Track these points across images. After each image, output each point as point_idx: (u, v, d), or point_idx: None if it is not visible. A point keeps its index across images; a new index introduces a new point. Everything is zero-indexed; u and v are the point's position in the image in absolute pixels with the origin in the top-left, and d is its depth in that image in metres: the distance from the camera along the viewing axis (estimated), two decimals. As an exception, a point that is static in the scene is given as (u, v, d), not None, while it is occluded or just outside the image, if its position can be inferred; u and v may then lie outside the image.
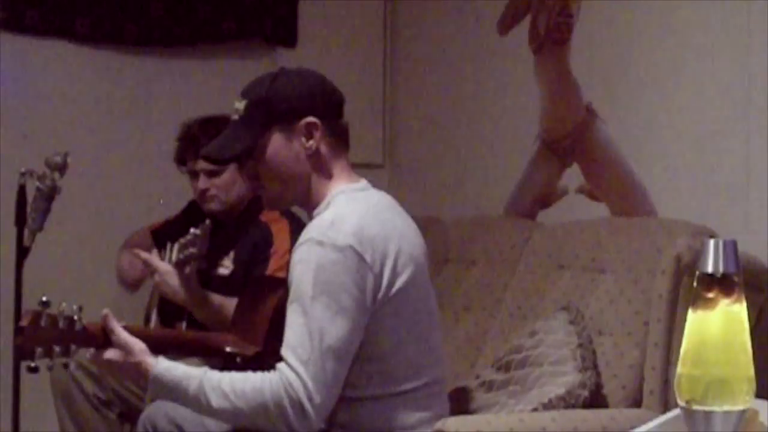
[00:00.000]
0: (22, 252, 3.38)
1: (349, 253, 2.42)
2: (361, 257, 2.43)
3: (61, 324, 2.48)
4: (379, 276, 2.46)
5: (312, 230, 2.48)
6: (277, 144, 2.56)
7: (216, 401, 2.41)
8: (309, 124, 2.56)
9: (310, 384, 2.37)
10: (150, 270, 3.37)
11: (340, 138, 2.62)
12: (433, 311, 2.65)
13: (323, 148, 2.58)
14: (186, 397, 2.45)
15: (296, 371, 2.37)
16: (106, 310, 2.53)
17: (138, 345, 2.51)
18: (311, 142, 2.56)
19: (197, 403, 2.44)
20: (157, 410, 2.81)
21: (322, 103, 2.59)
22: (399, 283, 2.49)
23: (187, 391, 2.44)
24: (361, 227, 2.47)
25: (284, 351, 2.40)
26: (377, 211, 2.56)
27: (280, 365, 2.40)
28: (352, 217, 2.49)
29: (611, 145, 3.66)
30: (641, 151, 3.55)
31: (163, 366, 2.48)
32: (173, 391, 2.46)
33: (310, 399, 2.36)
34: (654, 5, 3.49)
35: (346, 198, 2.56)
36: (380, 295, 2.47)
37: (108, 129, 4.43)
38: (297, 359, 2.38)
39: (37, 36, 4.29)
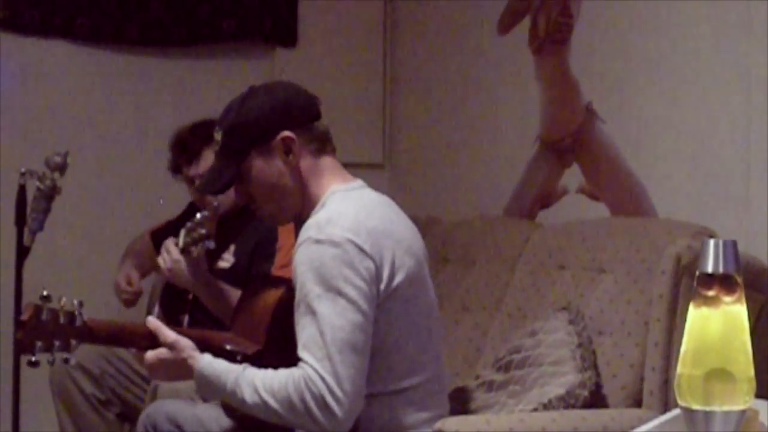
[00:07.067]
0: (23, 252, 3.38)
1: (348, 246, 2.42)
2: (360, 248, 2.43)
3: (61, 319, 2.49)
4: (380, 267, 2.46)
5: (309, 229, 2.47)
6: (258, 166, 2.57)
7: (249, 396, 2.42)
8: (284, 138, 2.56)
9: (329, 379, 2.36)
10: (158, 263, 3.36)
11: (321, 141, 2.61)
12: (433, 308, 2.65)
13: (306, 157, 2.58)
14: (225, 392, 2.46)
15: (314, 368, 2.37)
16: (150, 317, 2.60)
17: (185, 341, 2.54)
18: (291, 156, 2.56)
19: (234, 397, 2.45)
20: (157, 410, 2.81)
21: (293, 114, 2.58)
22: (399, 277, 2.49)
23: (225, 385, 2.45)
24: (359, 222, 2.47)
25: (300, 352, 2.41)
26: (374, 207, 2.56)
27: (300, 363, 2.40)
28: (348, 212, 2.49)
29: (611, 145, 3.66)
30: (641, 151, 3.55)
31: (206, 360, 2.50)
32: (214, 385, 2.48)
33: (332, 393, 2.36)
34: (654, 5, 3.49)
35: (341, 196, 2.56)
36: (382, 286, 2.46)
37: (108, 129, 4.43)
38: (313, 357, 2.38)
39: (36, 36, 4.29)
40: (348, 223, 2.45)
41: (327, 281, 2.40)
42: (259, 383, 2.42)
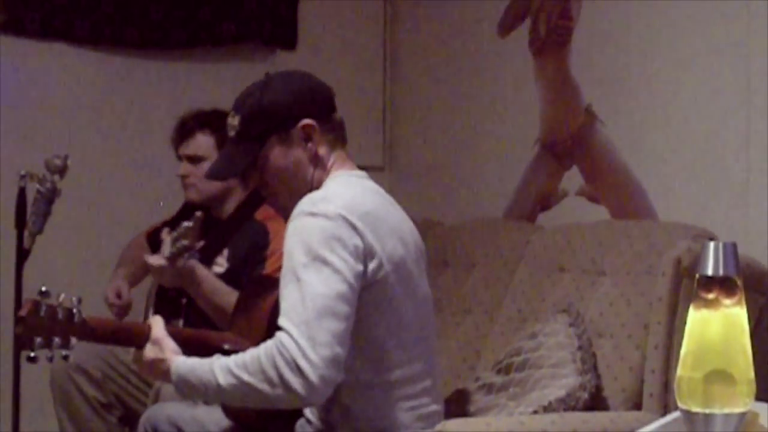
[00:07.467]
0: (22, 254, 3.38)
1: (339, 221, 2.41)
2: (351, 225, 2.42)
3: (60, 315, 2.48)
4: (368, 248, 2.44)
5: (304, 204, 2.46)
6: (277, 154, 2.57)
7: (224, 379, 2.37)
8: (305, 126, 2.56)
9: (302, 342, 2.30)
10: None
11: (337, 132, 2.62)
12: (425, 303, 2.62)
13: (323, 147, 2.59)
14: (202, 384, 2.41)
15: (289, 332, 2.32)
16: (157, 316, 2.60)
17: (170, 344, 2.52)
18: (310, 144, 2.57)
19: (211, 387, 2.40)
20: (158, 412, 2.82)
21: (314, 103, 2.59)
22: (387, 264, 2.46)
23: (201, 378, 2.41)
24: (354, 203, 2.47)
25: (280, 320, 2.36)
26: (372, 194, 2.57)
27: (277, 331, 2.36)
28: (345, 194, 2.49)
29: (611, 148, 3.66)
30: (641, 154, 3.55)
31: (181, 359, 2.47)
32: (190, 382, 2.43)
33: (305, 356, 2.29)
34: (654, 6, 3.50)
35: (341, 179, 2.57)
36: (371, 266, 2.44)
37: (108, 131, 4.44)
38: (291, 322, 2.33)
39: (37, 39, 4.29)
40: (343, 201, 2.45)
41: (314, 251, 2.38)
42: (231, 363, 2.38)
